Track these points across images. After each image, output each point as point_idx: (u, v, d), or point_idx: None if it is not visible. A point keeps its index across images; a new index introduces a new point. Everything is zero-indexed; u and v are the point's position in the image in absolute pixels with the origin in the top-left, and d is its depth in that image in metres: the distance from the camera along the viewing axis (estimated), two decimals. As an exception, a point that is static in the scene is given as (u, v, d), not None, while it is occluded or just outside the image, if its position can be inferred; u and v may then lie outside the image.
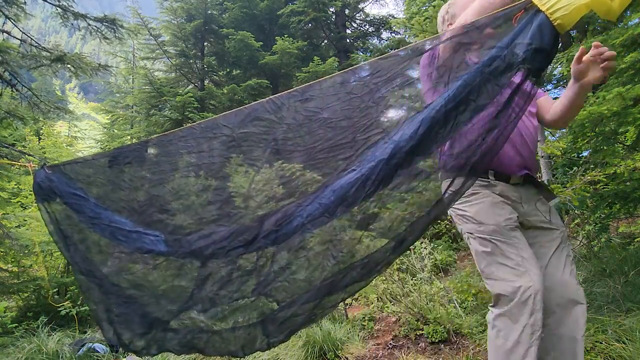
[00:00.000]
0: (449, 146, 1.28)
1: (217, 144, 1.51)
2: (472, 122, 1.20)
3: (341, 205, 1.32)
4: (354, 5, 12.49)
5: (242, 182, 1.49)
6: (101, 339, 3.36)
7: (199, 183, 1.54)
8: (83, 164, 1.75)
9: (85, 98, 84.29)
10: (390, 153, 1.25)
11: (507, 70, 1.15)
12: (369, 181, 1.28)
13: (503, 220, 1.43)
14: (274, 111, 1.44)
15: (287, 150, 1.45)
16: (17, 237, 4.47)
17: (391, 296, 3.75)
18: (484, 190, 1.49)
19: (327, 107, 1.42)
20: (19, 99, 4.75)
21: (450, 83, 1.23)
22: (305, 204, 1.35)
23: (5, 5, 4.49)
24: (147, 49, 11.24)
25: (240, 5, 10.88)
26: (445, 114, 1.20)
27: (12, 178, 5.19)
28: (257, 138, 1.47)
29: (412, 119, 1.27)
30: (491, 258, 1.43)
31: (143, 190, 1.63)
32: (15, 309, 4.53)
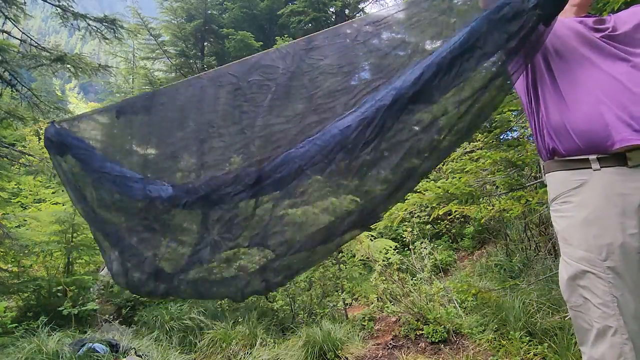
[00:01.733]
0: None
1: (223, 92, 1.53)
2: (477, 68, 1.17)
3: (341, 150, 1.31)
4: (354, 5, 12.49)
5: (244, 128, 1.51)
6: (101, 339, 3.36)
7: (205, 130, 1.56)
8: (91, 117, 1.80)
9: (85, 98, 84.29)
10: (392, 99, 1.24)
11: (516, 18, 1.12)
12: (370, 127, 1.26)
13: (605, 244, 1.04)
14: (279, 59, 1.46)
15: (289, 96, 1.46)
16: (17, 237, 4.47)
17: (391, 296, 3.74)
18: (579, 194, 1.11)
19: (330, 55, 1.42)
20: (19, 99, 4.75)
21: (457, 30, 1.21)
22: (305, 149, 1.35)
23: (5, 5, 4.49)
24: (147, 49, 11.23)
25: (240, 5, 10.88)
26: (450, 61, 1.18)
27: (12, 178, 5.19)
28: (260, 85, 1.48)
29: (414, 65, 1.26)
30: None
31: (150, 139, 1.66)
32: (15, 309, 4.53)
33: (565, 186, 1.15)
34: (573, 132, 1.12)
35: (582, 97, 1.12)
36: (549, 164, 1.23)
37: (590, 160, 1.09)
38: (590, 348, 1.08)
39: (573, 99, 1.14)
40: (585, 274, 1.07)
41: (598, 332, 1.04)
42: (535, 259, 4.34)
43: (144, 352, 3.30)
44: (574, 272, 1.10)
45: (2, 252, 4.70)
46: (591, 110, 1.10)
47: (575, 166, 1.13)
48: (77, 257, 5.41)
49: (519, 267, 4.39)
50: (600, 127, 1.08)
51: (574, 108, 1.13)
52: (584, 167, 1.11)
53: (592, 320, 1.06)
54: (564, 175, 1.16)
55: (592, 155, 1.09)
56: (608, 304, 1.02)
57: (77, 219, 5.04)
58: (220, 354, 3.45)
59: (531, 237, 4.75)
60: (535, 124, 1.27)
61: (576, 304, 1.10)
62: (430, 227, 6.77)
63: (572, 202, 1.13)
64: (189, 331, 3.92)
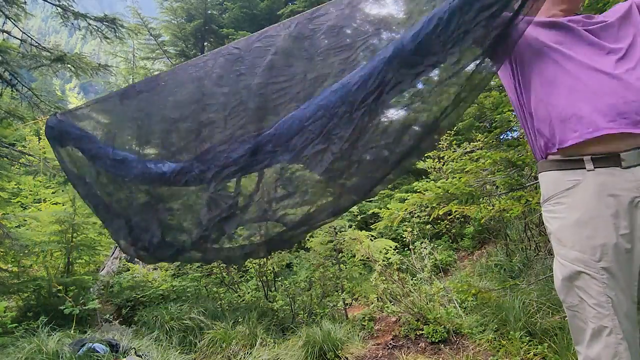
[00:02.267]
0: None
1: (222, 60, 1.55)
2: (476, 20, 1.17)
3: (343, 104, 1.30)
4: (354, 5, 12.49)
5: (241, 89, 1.51)
6: (101, 339, 3.35)
7: (199, 91, 1.57)
8: (94, 106, 1.83)
9: (86, 98, 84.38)
10: (392, 52, 1.24)
11: None
12: (371, 78, 1.26)
13: (599, 244, 1.05)
14: (283, 28, 1.47)
15: (289, 57, 1.46)
16: (17, 237, 4.47)
17: (391, 296, 3.75)
18: (572, 195, 1.12)
19: (333, 18, 1.43)
20: (19, 99, 4.74)
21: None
22: (304, 107, 1.36)
23: (6, 5, 4.49)
24: (147, 49, 11.23)
25: (240, 5, 10.88)
26: (449, 14, 1.17)
27: (12, 178, 5.19)
28: (261, 50, 1.49)
29: (414, 21, 1.26)
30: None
31: (153, 115, 1.67)
32: (15, 309, 4.52)
33: (558, 187, 1.15)
34: (556, 123, 1.14)
35: (564, 89, 1.14)
36: (542, 163, 1.23)
37: (585, 161, 1.10)
38: (585, 348, 1.08)
39: (555, 91, 1.15)
40: (579, 275, 1.08)
41: (593, 332, 1.05)
42: (535, 259, 4.34)
43: (144, 352, 3.30)
44: (569, 273, 1.10)
45: (2, 252, 4.69)
46: (571, 100, 1.12)
47: (568, 166, 1.13)
48: (77, 257, 5.41)
49: (519, 267, 4.39)
50: (578, 117, 1.09)
51: (556, 100, 1.15)
52: (577, 167, 1.11)
53: (587, 320, 1.07)
54: (557, 175, 1.16)
55: (586, 156, 1.09)
56: (603, 304, 1.03)
57: (77, 219, 5.04)
58: (220, 354, 3.45)
59: (531, 237, 4.75)
60: (526, 123, 1.28)
61: (572, 304, 1.12)
62: (430, 227, 6.77)
63: (565, 203, 1.13)
64: (189, 331, 3.92)
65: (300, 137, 1.36)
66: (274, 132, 1.38)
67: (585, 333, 1.08)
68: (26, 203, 7.31)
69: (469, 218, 6.34)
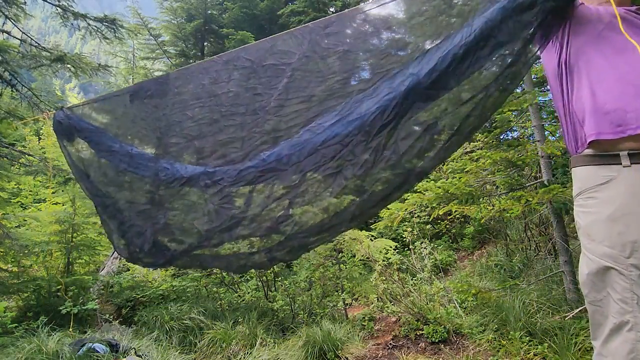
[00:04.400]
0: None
1: (237, 75, 1.56)
2: (491, 57, 1.19)
3: (359, 133, 1.34)
4: (354, 5, 12.49)
5: (258, 109, 1.53)
6: (101, 339, 3.35)
7: (217, 111, 1.59)
8: (103, 103, 1.83)
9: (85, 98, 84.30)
10: (408, 86, 1.27)
11: (530, 7, 1.14)
12: (387, 111, 1.30)
13: (630, 241, 1.03)
14: (295, 45, 1.48)
15: (304, 79, 1.48)
16: (17, 237, 4.47)
17: (391, 296, 3.74)
18: (605, 190, 1.10)
19: (347, 42, 1.45)
20: (19, 99, 4.74)
21: (471, 19, 1.23)
22: (319, 132, 1.39)
23: (5, 5, 4.49)
24: (147, 49, 11.23)
25: (240, 5, 10.87)
26: (466, 50, 1.20)
27: (12, 178, 5.19)
28: (276, 68, 1.50)
29: (430, 54, 1.28)
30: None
31: (164, 120, 1.69)
32: (15, 309, 4.52)
33: (591, 181, 1.13)
34: (599, 114, 1.11)
35: (613, 81, 1.10)
36: (576, 158, 1.21)
37: (621, 156, 1.08)
38: (603, 342, 1.08)
39: (604, 81, 1.12)
40: (607, 270, 1.07)
41: (614, 327, 1.05)
42: (535, 259, 4.34)
43: (144, 352, 3.30)
44: (596, 268, 1.10)
45: (2, 252, 4.69)
46: (618, 93, 1.09)
47: (604, 162, 1.11)
48: (77, 257, 5.40)
49: (519, 267, 4.39)
50: (623, 111, 1.06)
51: (602, 90, 1.11)
52: (613, 162, 1.09)
53: (609, 314, 1.07)
54: (591, 170, 1.14)
55: (623, 152, 1.07)
56: (627, 300, 1.03)
57: (77, 219, 5.04)
58: (220, 354, 3.45)
59: (531, 237, 4.75)
60: (565, 112, 1.24)
61: (595, 299, 1.11)
62: (430, 227, 6.77)
63: (597, 197, 1.12)
64: (189, 331, 3.91)
65: (313, 159, 1.40)
66: (288, 153, 1.41)
67: (604, 328, 1.08)
68: (26, 203, 7.31)
69: (469, 218, 6.34)
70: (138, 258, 1.70)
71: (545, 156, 3.42)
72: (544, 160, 3.45)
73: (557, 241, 3.24)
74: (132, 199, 1.71)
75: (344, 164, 1.39)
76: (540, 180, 3.59)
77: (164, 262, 1.68)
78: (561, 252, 3.19)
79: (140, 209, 1.69)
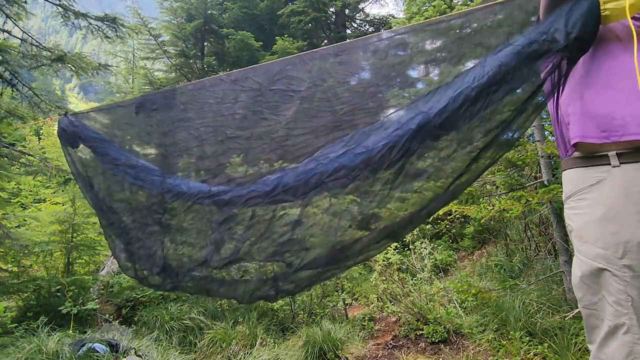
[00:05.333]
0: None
1: (244, 97, 1.55)
2: (503, 102, 1.19)
3: (365, 169, 1.33)
4: (354, 5, 12.49)
5: (263, 134, 1.53)
6: (101, 339, 3.35)
7: (222, 132, 1.58)
8: (107, 111, 1.82)
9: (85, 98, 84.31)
10: (419, 124, 1.26)
11: (544, 56, 1.13)
12: (396, 149, 1.29)
13: (623, 241, 1.02)
14: (304, 71, 1.47)
15: (312, 109, 1.47)
16: (17, 237, 4.47)
17: (391, 296, 3.74)
18: (596, 191, 1.09)
19: (356, 74, 1.46)
20: (19, 99, 4.74)
21: (483, 59, 1.23)
22: (326, 162, 1.37)
23: (6, 4, 4.49)
24: (147, 49, 11.22)
25: (240, 5, 10.88)
26: (478, 92, 1.20)
27: (12, 178, 5.19)
28: (283, 94, 1.50)
29: (442, 91, 1.27)
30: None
31: (169, 136, 1.68)
32: (15, 309, 4.52)
33: (581, 183, 1.13)
34: (585, 118, 1.10)
35: (602, 86, 1.10)
36: (566, 161, 1.21)
37: (610, 157, 1.07)
38: (599, 346, 1.06)
39: (593, 86, 1.11)
40: (601, 272, 1.05)
41: (609, 330, 1.03)
42: (535, 259, 4.34)
43: (144, 352, 3.30)
44: (589, 270, 1.08)
45: (2, 252, 4.69)
46: (607, 98, 1.08)
47: (593, 163, 1.11)
48: (77, 257, 5.40)
49: (519, 267, 4.39)
50: (610, 117, 1.06)
51: (590, 95, 1.11)
52: (602, 163, 1.08)
53: (604, 317, 1.05)
54: (581, 172, 1.14)
55: (611, 152, 1.06)
56: (622, 302, 1.01)
57: (77, 219, 5.04)
58: (220, 354, 3.45)
59: (531, 237, 4.75)
60: (556, 115, 1.24)
61: (589, 302, 1.09)
62: (430, 227, 6.77)
63: (588, 199, 1.10)
64: (189, 331, 3.91)
65: (318, 192, 1.39)
66: (293, 184, 1.40)
67: (600, 331, 1.06)
68: (26, 203, 7.31)
69: (469, 218, 6.34)
70: (144, 278, 1.68)
71: (545, 156, 3.42)
72: (544, 160, 3.45)
73: (557, 241, 3.24)
74: (140, 218, 1.69)
75: (351, 200, 1.39)
76: (540, 180, 3.59)
77: (171, 287, 1.67)
78: (561, 252, 3.19)
79: (148, 230, 1.67)
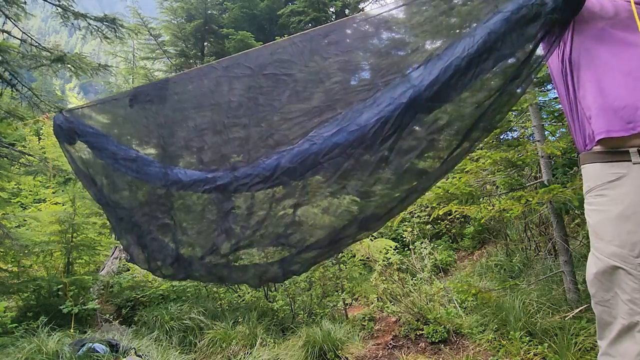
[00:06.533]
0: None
1: (238, 84, 1.54)
2: (493, 70, 1.17)
3: (359, 146, 1.33)
4: (354, 5, 12.48)
5: (260, 120, 1.52)
6: (101, 339, 3.35)
7: (220, 121, 1.58)
8: (102, 106, 1.81)
9: (85, 98, 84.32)
10: (410, 97, 1.25)
11: (534, 20, 1.12)
12: (388, 124, 1.28)
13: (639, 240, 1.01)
14: (295, 54, 1.46)
15: (306, 90, 1.47)
16: (17, 237, 4.47)
17: (391, 296, 3.74)
18: (615, 188, 1.07)
19: (347, 51, 1.44)
20: (19, 99, 4.74)
21: (473, 29, 1.22)
22: (320, 142, 1.37)
23: (6, 4, 4.49)
24: (147, 49, 11.23)
25: (240, 5, 10.88)
26: (468, 62, 1.19)
27: (12, 178, 5.18)
28: (276, 79, 1.49)
29: (432, 64, 1.27)
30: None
31: (165, 127, 1.67)
32: (15, 309, 4.52)
33: (601, 179, 1.11)
34: (608, 111, 1.08)
35: (621, 76, 1.08)
36: (585, 155, 1.19)
37: (630, 153, 1.05)
38: (611, 342, 1.07)
39: (611, 78, 1.10)
40: (615, 270, 1.05)
41: (623, 328, 1.04)
42: (535, 259, 4.34)
43: (144, 352, 3.30)
44: (604, 268, 1.08)
45: (2, 252, 4.69)
46: (627, 89, 1.06)
47: (613, 158, 1.09)
48: (77, 257, 5.40)
49: (519, 267, 4.39)
50: (634, 108, 1.04)
51: (611, 87, 1.09)
52: (622, 159, 1.07)
53: (617, 315, 1.05)
54: (601, 167, 1.12)
55: (632, 148, 1.05)
56: (636, 301, 1.01)
57: (77, 219, 5.04)
58: (220, 354, 3.45)
59: (531, 237, 4.75)
60: (572, 109, 1.22)
61: (603, 299, 1.09)
62: (430, 227, 6.77)
63: (607, 195, 1.09)
64: (189, 331, 3.91)
65: (315, 172, 1.39)
66: (289, 165, 1.40)
67: (612, 328, 1.06)
68: (26, 203, 7.31)
69: (469, 218, 6.34)
70: (158, 269, 1.69)
71: (545, 156, 3.42)
72: (544, 160, 3.45)
73: (557, 241, 3.24)
74: (149, 212, 1.69)
75: (347, 179, 1.39)
76: (540, 180, 3.59)
77: (184, 276, 1.68)
78: (561, 252, 3.19)
79: (159, 223, 1.67)
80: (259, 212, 1.52)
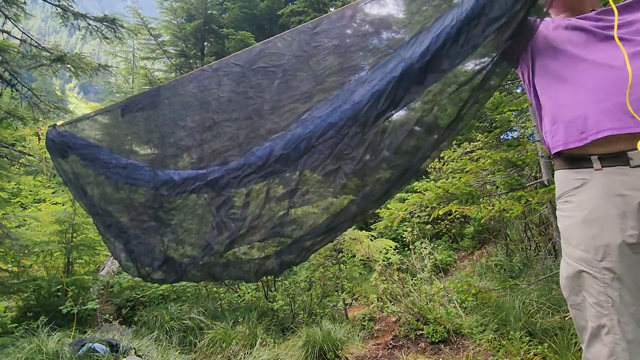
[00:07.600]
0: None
1: (227, 80, 1.54)
2: (484, 34, 1.16)
3: (354, 125, 1.31)
4: (354, 5, 12.49)
5: (251, 113, 1.51)
6: (101, 339, 3.35)
7: (210, 117, 1.57)
8: (94, 119, 1.81)
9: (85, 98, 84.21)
10: (402, 71, 1.24)
11: None
12: (382, 98, 1.26)
13: (602, 244, 1.04)
14: (284, 46, 1.46)
15: (296, 78, 1.46)
16: (17, 237, 4.47)
17: (391, 296, 3.74)
18: (580, 194, 1.10)
19: (336, 36, 1.42)
20: (19, 99, 4.74)
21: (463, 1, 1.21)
22: (313, 125, 1.36)
23: (5, 5, 4.49)
24: (147, 49, 11.24)
25: (240, 5, 10.89)
26: (458, 29, 1.18)
27: (12, 178, 5.19)
28: (266, 71, 1.48)
29: (421, 37, 1.26)
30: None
31: (156, 131, 1.66)
32: (15, 309, 4.52)
33: (567, 185, 1.15)
34: (563, 124, 1.13)
35: (572, 89, 1.12)
36: (555, 162, 1.23)
37: (592, 160, 1.08)
38: (586, 346, 1.09)
39: (563, 91, 1.15)
40: (581, 274, 1.08)
41: (592, 331, 1.06)
42: (535, 259, 4.34)
43: (144, 352, 3.30)
44: (573, 272, 1.11)
45: (2, 252, 4.69)
46: (578, 101, 1.10)
47: (576, 165, 1.13)
48: (77, 257, 5.41)
49: (519, 267, 4.39)
50: (584, 118, 1.08)
51: (563, 100, 1.14)
52: (585, 166, 1.10)
53: (587, 319, 1.07)
54: (566, 174, 1.16)
55: (593, 155, 1.08)
56: (602, 303, 1.03)
57: (77, 219, 5.04)
58: (220, 354, 3.45)
59: (531, 237, 4.75)
60: (540, 122, 1.28)
61: (575, 303, 1.12)
62: (430, 227, 6.77)
63: (572, 201, 1.13)
64: (189, 331, 3.91)
65: (310, 157, 1.37)
66: (282, 152, 1.38)
67: (586, 332, 1.09)
68: (26, 203, 7.31)
69: (469, 218, 6.35)
70: (147, 275, 1.67)
71: (545, 156, 3.42)
72: (544, 160, 3.45)
73: (557, 241, 3.24)
74: (136, 216, 1.68)
75: (343, 159, 1.37)
76: (540, 180, 3.59)
77: (175, 278, 1.66)
78: (561, 252, 3.18)
79: (145, 226, 1.66)
80: (252, 203, 1.50)
